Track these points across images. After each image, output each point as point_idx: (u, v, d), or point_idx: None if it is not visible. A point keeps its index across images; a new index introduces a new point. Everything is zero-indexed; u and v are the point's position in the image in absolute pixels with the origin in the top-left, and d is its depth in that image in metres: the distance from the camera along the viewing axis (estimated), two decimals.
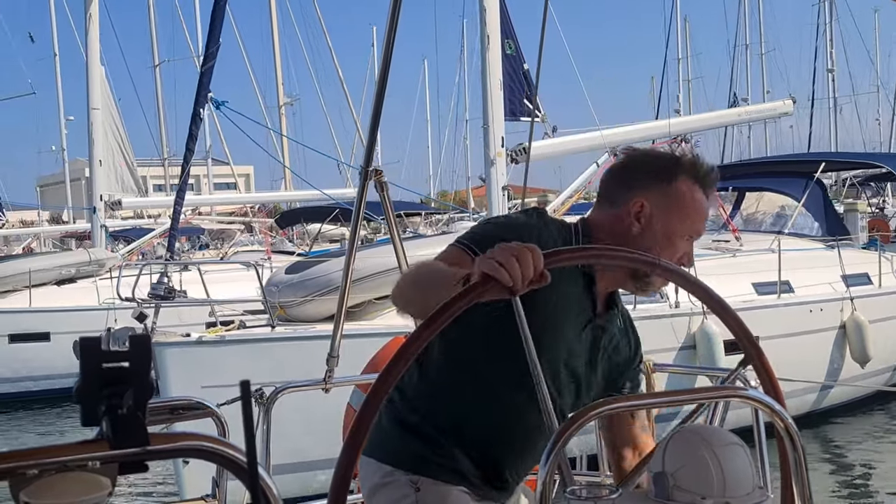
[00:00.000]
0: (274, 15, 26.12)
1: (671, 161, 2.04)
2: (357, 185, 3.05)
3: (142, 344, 0.89)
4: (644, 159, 2.10)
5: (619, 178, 2.08)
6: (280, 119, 26.12)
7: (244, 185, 39.61)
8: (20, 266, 14.01)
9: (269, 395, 2.67)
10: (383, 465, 2.04)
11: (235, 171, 25.58)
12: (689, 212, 1.99)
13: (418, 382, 2.04)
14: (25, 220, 33.87)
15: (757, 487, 1.48)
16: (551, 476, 1.40)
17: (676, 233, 1.99)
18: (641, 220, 1.98)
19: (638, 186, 1.99)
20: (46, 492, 0.86)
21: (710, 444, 1.47)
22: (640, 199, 1.98)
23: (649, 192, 1.98)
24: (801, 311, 9.12)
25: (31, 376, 12.56)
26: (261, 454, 2.60)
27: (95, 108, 15.74)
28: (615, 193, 2.04)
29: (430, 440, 2.02)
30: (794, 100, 13.57)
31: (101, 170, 15.72)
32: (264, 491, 1.02)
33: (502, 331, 1.79)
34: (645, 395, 1.68)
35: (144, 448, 0.89)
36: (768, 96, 44.65)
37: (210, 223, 24.17)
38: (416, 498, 1.99)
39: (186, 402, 2.00)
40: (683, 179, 1.99)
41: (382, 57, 2.93)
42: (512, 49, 11.69)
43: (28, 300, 13.17)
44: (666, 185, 1.98)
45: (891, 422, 9.94)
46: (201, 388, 6.98)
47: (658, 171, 2.00)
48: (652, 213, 1.97)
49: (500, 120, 9.77)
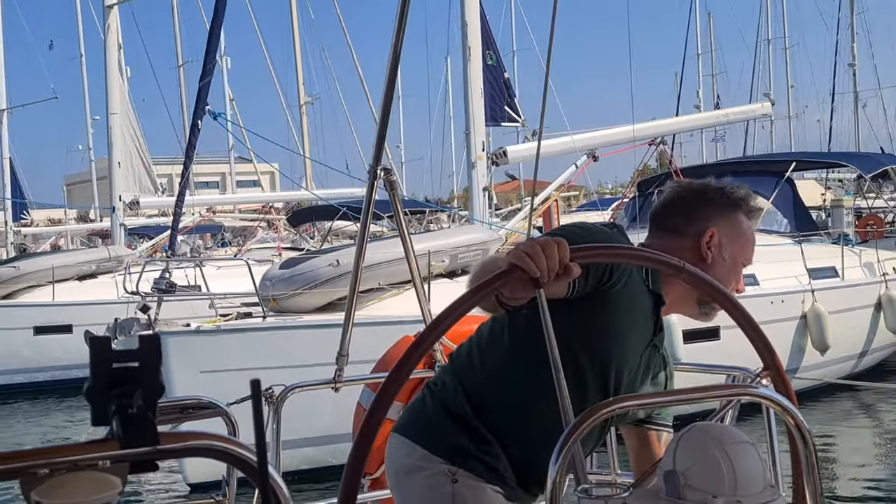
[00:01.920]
0: (294, 15, 26.59)
1: (732, 195, 2.18)
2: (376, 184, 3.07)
3: (151, 343, 0.89)
4: (705, 191, 2.21)
5: (682, 209, 2.18)
6: (301, 118, 26.57)
7: (268, 183, 40.61)
8: (44, 263, 14.97)
9: (279, 394, 2.67)
10: (420, 447, 2.03)
11: (261, 169, 25.95)
12: (748, 241, 2.17)
13: (479, 372, 2.05)
14: (53, 218, 34.45)
15: (768, 486, 1.47)
16: (562, 475, 1.40)
17: (739, 260, 2.15)
18: (713, 249, 2.10)
19: (707, 218, 2.13)
20: (57, 491, 0.87)
21: (722, 443, 1.46)
22: (713, 229, 2.11)
23: (719, 224, 2.12)
24: (763, 302, 9.45)
25: (55, 366, 13.18)
26: (271, 453, 2.60)
27: (114, 112, 16.72)
28: (680, 224, 2.15)
29: (477, 436, 2.02)
30: (773, 102, 14.37)
31: (120, 172, 16.95)
32: (274, 490, 1.02)
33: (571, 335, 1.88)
34: (656, 394, 1.68)
35: (154, 447, 0.89)
36: (793, 91, 44.95)
37: (233, 220, 25.09)
38: (453, 489, 1.98)
39: (196, 401, 2.00)
40: (743, 210, 2.17)
41: (391, 58, 2.93)
42: (493, 59, 12.85)
43: (52, 295, 13.94)
44: (731, 217, 2.14)
45: (849, 410, 10.23)
46: (200, 372, 7.50)
47: (724, 205, 2.15)
48: (721, 243, 2.11)
49: (480, 126, 10.58)
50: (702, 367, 2.52)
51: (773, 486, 1.47)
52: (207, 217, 21.19)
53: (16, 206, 25.42)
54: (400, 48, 2.86)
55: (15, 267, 15.13)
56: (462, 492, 1.99)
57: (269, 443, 2.58)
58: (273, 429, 2.64)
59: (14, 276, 14.73)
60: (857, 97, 41.05)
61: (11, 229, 24.25)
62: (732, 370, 2.28)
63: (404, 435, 2.07)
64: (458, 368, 2.12)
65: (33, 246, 26.74)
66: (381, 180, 2.97)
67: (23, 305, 14.29)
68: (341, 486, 1.44)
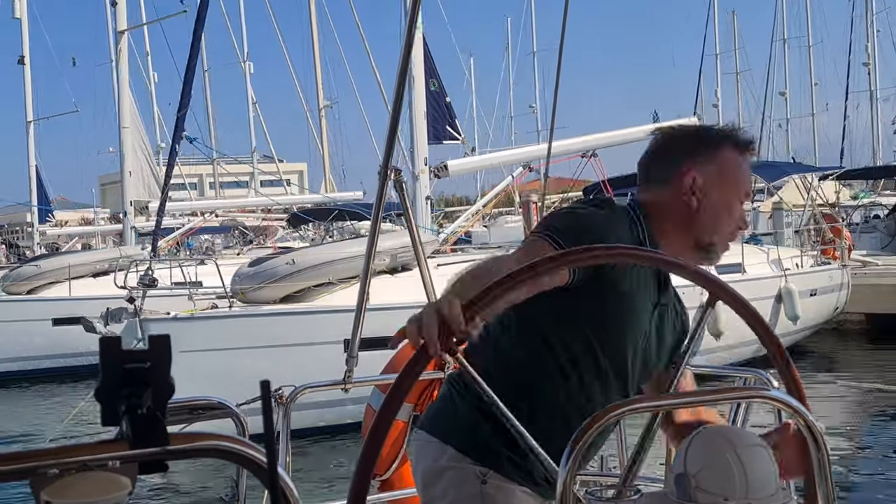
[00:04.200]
0: (314, 21, 27.30)
1: (711, 130, 2.04)
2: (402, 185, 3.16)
3: (162, 344, 0.89)
4: (683, 133, 2.09)
5: (661, 156, 2.06)
6: (320, 121, 27.64)
7: (297, 182, 43.95)
8: (62, 262, 17.36)
9: (289, 395, 2.66)
10: (451, 447, 1.98)
11: (290, 168, 26.88)
12: (738, 175, 2.01)
13: (506, 373, 1.95)
14: (86, 218, 35.36)
15: (780, 489, 1.46)
16: (572, 476, 1.39)
17: (732, 199, 2.00)
18: (698, 193, 1.97)
19: (685, 159, 1.99)
20: (67, 491, 0.86)
21: (733, 445, 1.45)
22: (690, 170, 1.97)
23: (697, 163, 1.98)
24: None
25: (70, 353, 14.64)
26: (280, 454, 2.60)
27: (125, 126, 18.27)
28: (662, 172, 2.03)
29: (509, 437, 1.92)
30: (700, 118, 15.87)
31: (131, 180, 18.56)
32: (284, 491, 1.02)
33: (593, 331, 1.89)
34: (668, 396, 1.67)
35: (164, 448, 0.89)
36: (816, 88, 44.95)
37: (255, 220, 26.70)
38: (482, 490, 1.94)
39: (206, 401, 2.00)
40: (727, 146, 2.00)
41: (401, 61, 2.95)
42: (436, 86, 15.00)
43: (68, 290, 15.85)
44: (713, 154, 1.99)
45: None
46: (180, 352, 7.94)
47: (701, 142, 2.01)
48: (706, 184, 1.97)
49: (423, 144, 12.55)
50: (715, 370, 2.50)
51: (784, 489, 1.46)
52: (208, 220, 22.68)
53: (42, 209, 28.17)
54: (410, 55, 2.87)
55: (37, 265, 17.64)
56: (491, 493, 1.94)
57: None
58: (282, 429, 2.63)
59: (36, 274, 16.98)
60: (873, 96, 40.96)
61: (37, 230, 27.63)
62: (745, 372, 2.26)
63: (434, 434, 2.02)
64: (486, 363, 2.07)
65: (66, 245, 28.45)
66: (391, 181, 2.97)
67: (42, 300, 16.14)
68: (351, 487, 1.43)
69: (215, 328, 9.88)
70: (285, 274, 10.61)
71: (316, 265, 10.70)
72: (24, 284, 16.89)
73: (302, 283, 10.64)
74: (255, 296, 10.59)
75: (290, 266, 10.68)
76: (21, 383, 15.19)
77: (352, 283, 10.20)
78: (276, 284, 10.54)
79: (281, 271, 10.66)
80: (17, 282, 17.10)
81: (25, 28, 26.41)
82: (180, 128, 13.15)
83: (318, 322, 9.83)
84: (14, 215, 41.98)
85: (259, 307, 10.49)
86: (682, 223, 1.99)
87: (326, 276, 10.70)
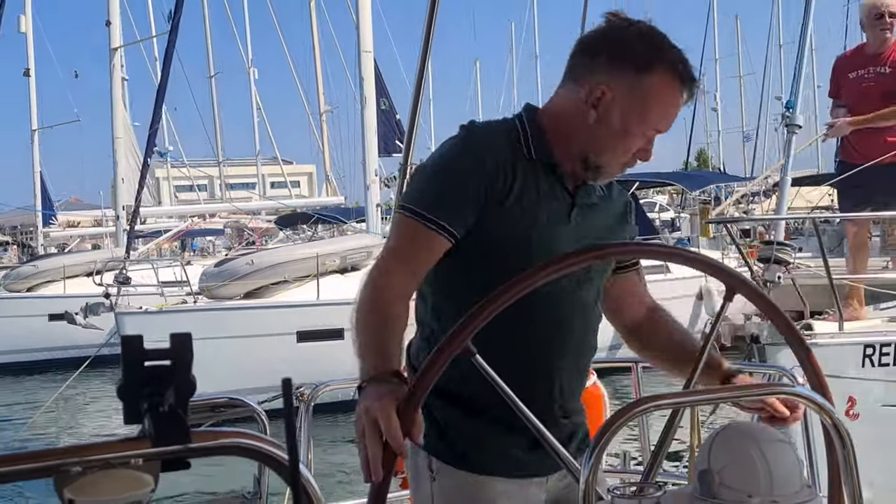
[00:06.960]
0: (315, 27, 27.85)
1: (653, 47, 1.71)
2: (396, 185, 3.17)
3: (183, 342, 0.88)
4: (619, 37, 1.73)
5: (588, 51, 1.76)
6: (322, 126, 28.25)
7: (307, 183, 45.88)
8: (58, 262, 18.89)
9: (310, 392, 2.67)
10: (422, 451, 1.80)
11: (299, 170, 27.51)
12: (657, 108, 1.72)
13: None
14: (98, 218, 36.19)
15: (805, 486, 1.44)
16: (594, 475, 1.37)
17: (635, 129, 1.73)
18: (599, 109, 1.71)
19: (606, 70, 1.71)
20: (90, 489, 0.86)
21: (757, 442, 1.44)
22: (603, 85, 1.70)
23: (614, 77, 1.70)
24: None
25: (64, 346, 15.92)
26: (302, 452, 2.60)
27: (118, 137, 19.34)
28: (580, 69, 1.76)
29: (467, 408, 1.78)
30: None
31: (124, 186, 19.61)
32: (306, 489, 1.01)
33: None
34: (691, 392, 1.65)
35: (186, 446, 0.89)
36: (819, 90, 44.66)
37: (257, 222, 27.80)
38: (431, 489, 1.80)
39: (227, 400, 2.00)
40: (663, 73, 1.70)
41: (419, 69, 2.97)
42: (386, 105, 17.71)
43: (63, 288, 17.17)
44: (640, 75, 1.69)
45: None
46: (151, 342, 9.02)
47: (633, 55, 1.70)
48: (613, 104, 1.71)
49: (374, 157, 13.99)
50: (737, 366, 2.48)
51: (810, 487, 1.45)
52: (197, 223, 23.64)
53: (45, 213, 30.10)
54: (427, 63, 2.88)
55: (34, 265, 19.40)
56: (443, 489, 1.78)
57: None
58: (304, 426, 2.64)
59: (34, 273, 18.56)
60: None
61: (41, 232, 29.95)
62: (769, 368, 2.24)
63: None
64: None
65: (74, 246, 29.69)
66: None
67: (40, 297, 17.69)
68: (371, 484, 1.43)
69: (183, 320, 10.86)
70: (246, 273, 12.13)
71: (272, 265, 12.40)
72: (24, 283, 18.35)
73: (261, 282, 12.20)
74: (219, 292, 12.14)
75: (250, 266, 12.23)
76: (18, 374, 16.49)
77: (304, 281, 12.18)
78: (238, 282, 12.09)
79: (242, 270, 12.20)
80: (17, 280, 18.59)
81: (31, 42, 28.05)
82: (152, 143, 14.81)
83: (274, 315, 11.56)
84: (25, 217, 43.39)
85: (222, 302, 12.02)
86: (573, 132, 1.76)
87: (282, 274, 12.36)
